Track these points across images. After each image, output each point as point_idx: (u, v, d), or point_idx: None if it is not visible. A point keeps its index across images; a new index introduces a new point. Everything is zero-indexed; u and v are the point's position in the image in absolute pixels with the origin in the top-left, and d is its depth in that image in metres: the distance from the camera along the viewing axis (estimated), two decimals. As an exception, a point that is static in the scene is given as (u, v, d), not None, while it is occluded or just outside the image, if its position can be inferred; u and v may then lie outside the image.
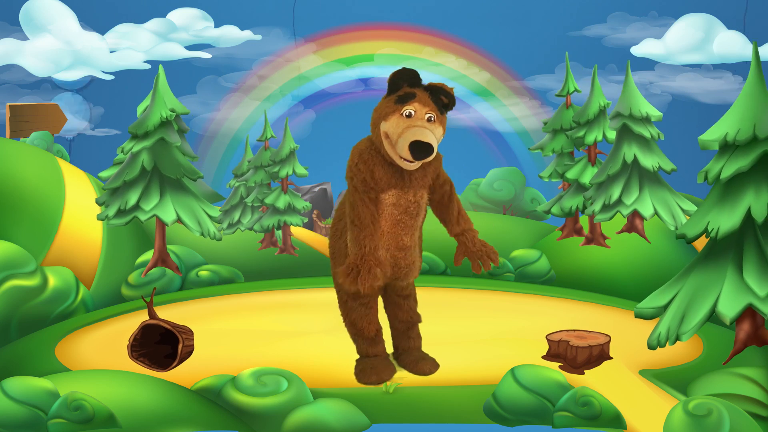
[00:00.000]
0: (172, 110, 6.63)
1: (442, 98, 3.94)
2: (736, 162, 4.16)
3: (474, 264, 4.08)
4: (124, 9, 10.08)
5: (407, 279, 4.19)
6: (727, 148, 4.23)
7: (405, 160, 3.86)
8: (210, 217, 6.82)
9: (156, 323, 4.54)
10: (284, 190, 7.92)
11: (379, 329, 4.29)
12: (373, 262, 3.85)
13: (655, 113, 6.62)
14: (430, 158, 3.85)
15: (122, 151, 6.69)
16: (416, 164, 3.90)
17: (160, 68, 6.73)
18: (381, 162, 3.96)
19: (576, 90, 7.48)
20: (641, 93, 6.73)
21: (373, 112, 3.98)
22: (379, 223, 3.97)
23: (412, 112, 3.86)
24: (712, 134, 4.24)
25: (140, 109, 7.23)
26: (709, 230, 4.22)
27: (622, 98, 6.65)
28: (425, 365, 4.33)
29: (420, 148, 3.77)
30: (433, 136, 3.83)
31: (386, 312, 4.43)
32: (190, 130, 7.09)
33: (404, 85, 3.94)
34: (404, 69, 3.96)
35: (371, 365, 4.25)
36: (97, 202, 6.73)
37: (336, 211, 4.31)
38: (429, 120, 3.88)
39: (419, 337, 4.44)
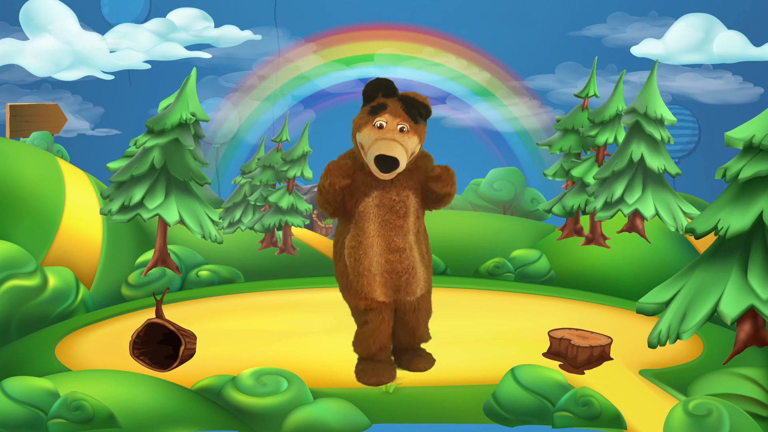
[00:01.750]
0: (193, 114, 6.59)
1: (417, 109, 3.97)
2: (757, 165, 4.15)
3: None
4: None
5: (411, 291, 4.15)
6: (751, 149, 4.22)
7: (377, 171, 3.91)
8: (212, 221, 6.81)
9: (161, 323, 4.54)
10: (289, 190, 7.92)
11: (382, 348, 4.28)
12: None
13: (669, 117, 6.59)
14: (399, 169, 3.90)
15: (135, 144, 6.65)
16: (390, 175, 3.93)
17: (193, 70, 6.68)
18: (360, 167, 4.04)
19: (595, 95, 7.44)
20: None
21: (352, 123, 4.05)
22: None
23: (384, 124, 3.91)
24: (740, 133, 4.23)
25: (162, 105, 7.17)
26: (719, 228, 4.22)
27: (640, 95, 6.61)
28: (420, 362, 4.35)
29: (384, 162, 3.84)
30: (401, 148, 3.87)
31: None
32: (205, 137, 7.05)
33: (379, 94, 3.98)
34: (378, 79, 4.02)
35: (372, 367, 4.26)
36: (102, 194, 6.72)
37: (335, 232, 4.31)
38: (401, 130, 3.91)
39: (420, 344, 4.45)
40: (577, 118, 7.45)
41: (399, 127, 3.92)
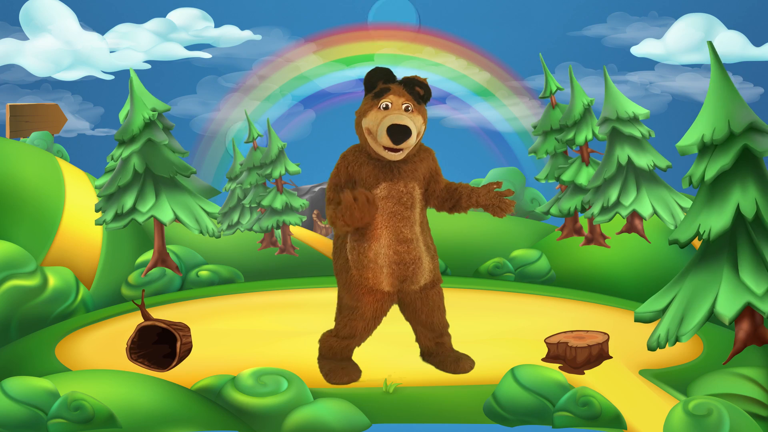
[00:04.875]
0: (154, 110, 6.63)
1: (417, 89, 4.07)
2: (717, 161, 4.16)
3: (492, 213, 4.19)
4: (124, 9, 10.08)
5: (416, 281, 4.17)
6: (706, 149, 4.24)
7: (388, 150, 3.97)
8: (207, 213, 6.82)
9: (152, 324, 4.54)
10: (279, 190, 7.91)
11: (358, 334, 4.27)
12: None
13: (641, 111, 6.61)
14: (411, 142, 3.95)
15: (112, 159, 6.71)
16: (401, 153, 3.99)
17: (131, 71, 6.72)
18: (366, 161, 4.10)
19: (558, 88, 7.48)
20: (641, 93, 6.72)
21: (355, 114, 4.12)
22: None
23: (389, 104, 4.00)
24: (689, 139, 4.25)
25: (122, 115, 7.21)
26: (701, 232, 4.22)
27: (606, 103, 6.67)
28: (467, 363, 4.37)
29: (398, 130, 3.90)
30: (410, 121, 3.95)
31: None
32: (175, 127, 7.04)
33: (380, 82, 4.08)
34: (377, 68, 4.12)
35: (341, 366, 4.29)
36: (95, 208, 6.74)
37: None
38: (406, 110, 4.01)
39: (449, 339, 4.47)
40: (552, 117, 7.50)
41: (404, 106, 4.01)
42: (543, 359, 4.44)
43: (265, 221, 7.91)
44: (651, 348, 4.32)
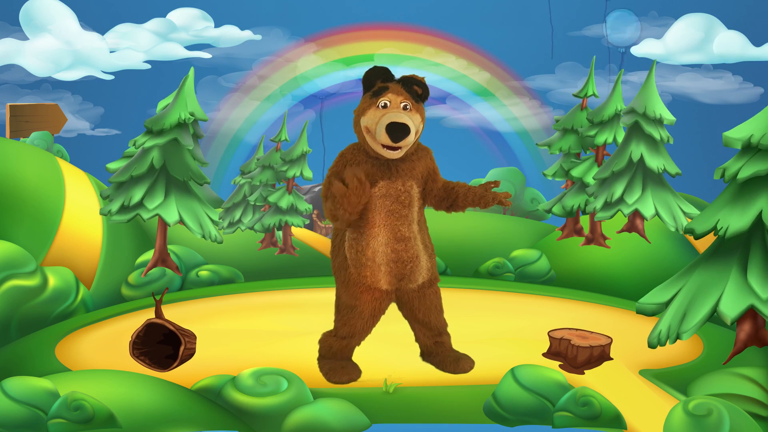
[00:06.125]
0: (192, 114, 6.59)
1: (415, 88, 4.10)
2: (755, 165, 4.16)
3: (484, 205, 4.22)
4: (124, 9, 10.08)
5: (414, 279, 4.18)
6: (750, 149, 4.23)
7: (386, 148, 3.98)
8: (212, 220, 6.81)
9: (161, 323, 4.54)
10: (289, 190, 7.92)
11: (357, 333, 4.29)
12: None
13: (668, 117, 6.59)
14: (410, 140, 3.98)
15: (134, 145, 6.67)
16: (400, 152, 4.01)
17: (191, 70, 6.70)
18: (365, 159, 4.11)
19: (594, 95, 7.44)
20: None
21: (354, 113, 4.14)
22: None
23: (387, 103, 4.02)
24: (738, 133, 4.25)
25: (161, 105, 7.19)
26: (718, 228, 4.23)
27: (639, 95, 6.61)
28: (466, 363, 4.37)
29: (396, 128, 3.92)
30: (409, 119, 3.97)
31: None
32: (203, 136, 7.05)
33: (378, 81, 4.10)
34: (376, 67, 4.15)
35: (341, 365, 4.30)
36: (101, 194, 6.73)
37: (334, 226, 4.33)
38: (404, 108, 4.03)
39: (449, 339, 4.47)
40: (576, 117, 7.46)
41: (402, 105, 4.03)
42: (544, 354, 4.44)
43: (267, 219, 7.90)
44: (651, 345, 4.32)
